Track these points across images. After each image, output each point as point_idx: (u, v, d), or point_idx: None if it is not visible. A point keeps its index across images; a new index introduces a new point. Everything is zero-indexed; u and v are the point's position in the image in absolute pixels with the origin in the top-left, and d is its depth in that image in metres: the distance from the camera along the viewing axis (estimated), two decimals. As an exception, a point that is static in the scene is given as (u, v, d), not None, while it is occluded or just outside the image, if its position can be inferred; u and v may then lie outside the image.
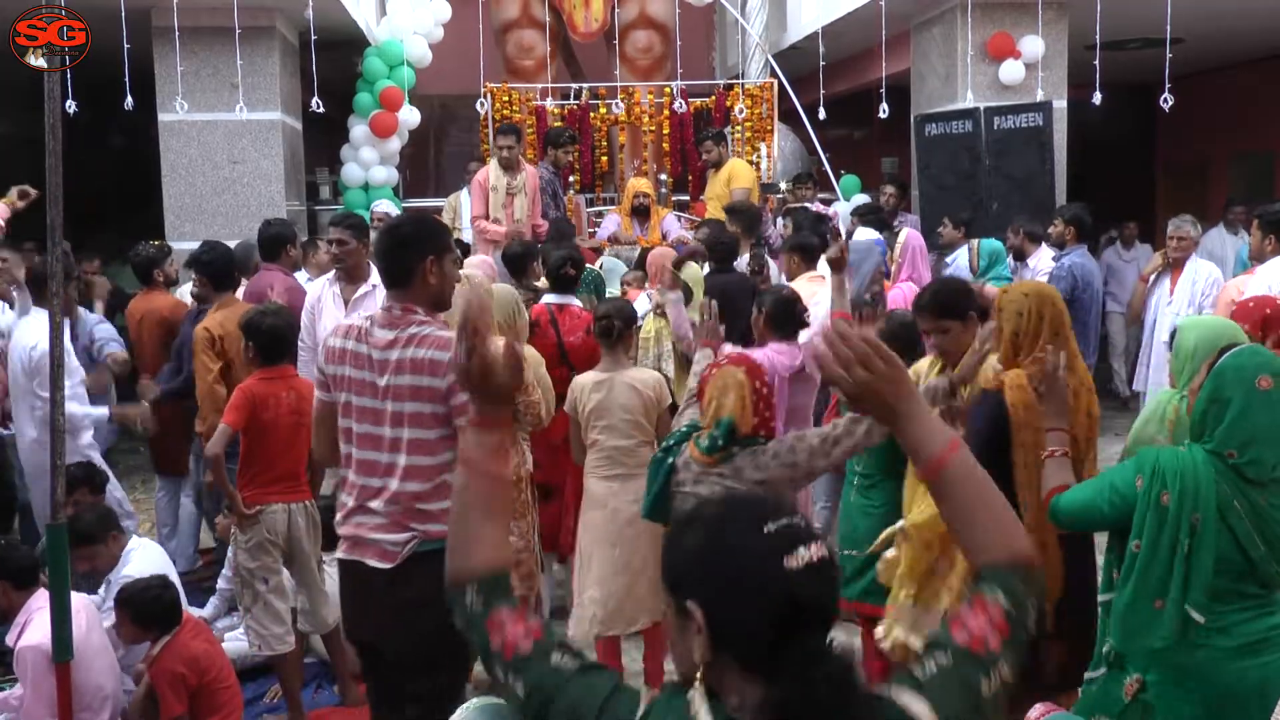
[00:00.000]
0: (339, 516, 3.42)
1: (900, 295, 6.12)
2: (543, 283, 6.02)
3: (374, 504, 3.30)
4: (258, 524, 4.63)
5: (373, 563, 3.30)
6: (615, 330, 4.63)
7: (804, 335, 4.90)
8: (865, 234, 7.00)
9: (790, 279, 6.25)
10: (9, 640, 4.24)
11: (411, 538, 3.26)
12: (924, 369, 4.07)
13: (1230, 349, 3.06)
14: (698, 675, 1.58)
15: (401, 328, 3.26)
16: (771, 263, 7.19)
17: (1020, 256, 7.84)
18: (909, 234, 6.61)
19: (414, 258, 3.29)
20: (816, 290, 5.68)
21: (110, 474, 5.74)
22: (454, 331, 3.33)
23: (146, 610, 4.31)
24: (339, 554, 3.46)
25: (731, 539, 1.57)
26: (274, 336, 4.72)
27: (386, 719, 3.50)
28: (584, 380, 4.67)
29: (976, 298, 4.26)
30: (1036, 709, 3.15)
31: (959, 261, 7.96)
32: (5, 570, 4.26)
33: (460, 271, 5.14)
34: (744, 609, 1.53)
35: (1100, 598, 3.27)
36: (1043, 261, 7.73)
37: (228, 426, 4.53)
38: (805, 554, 1.54)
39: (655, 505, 3.46)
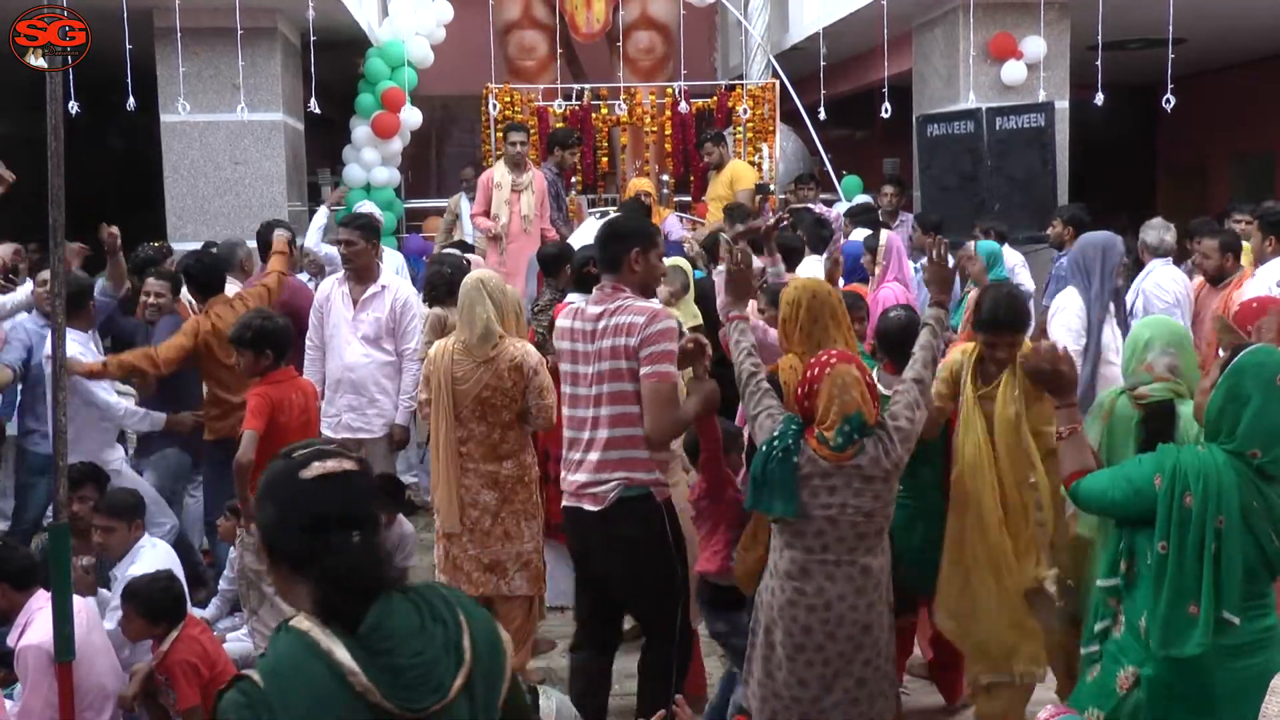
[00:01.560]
0: (565, 473, 3.92)
1: (891, 295, 6.11)
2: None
3: (588, 456, 3.80)
4: None
5: (588, 507, 3.80)
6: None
7: None
8: (861, 234, 6.99)
9: None
10: (10, 641, 4.24)
11: (617, 484, 3.74)
12: (956, 361, 4.09)
13: (1243, 348, 3.03)
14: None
15: (610, 301, 3.80)
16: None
17: None
18: (889, 236, 6.54)
19: (623, 248, 3.82)
20: None
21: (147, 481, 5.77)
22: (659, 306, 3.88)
23: (155, 602, 4.30)
24: (564, 504, 3.92)
25: (272, 469, 1.92)
26: (286, 339, 4.77)
27: (601, 654, 4.04)
28: None
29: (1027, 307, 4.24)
30: (1047, 709, 3.12)
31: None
32: (5, 571, 4.25)
33: (472, 273, 5.18)
34: (276, 519, 1.86)
35: (1100, 583, 3.23)
36: (1011, 258, 7.38)
37: (254, 433, 4.56)
38: (320, 466, 1.85)
39: (789, 502, 3.45)
